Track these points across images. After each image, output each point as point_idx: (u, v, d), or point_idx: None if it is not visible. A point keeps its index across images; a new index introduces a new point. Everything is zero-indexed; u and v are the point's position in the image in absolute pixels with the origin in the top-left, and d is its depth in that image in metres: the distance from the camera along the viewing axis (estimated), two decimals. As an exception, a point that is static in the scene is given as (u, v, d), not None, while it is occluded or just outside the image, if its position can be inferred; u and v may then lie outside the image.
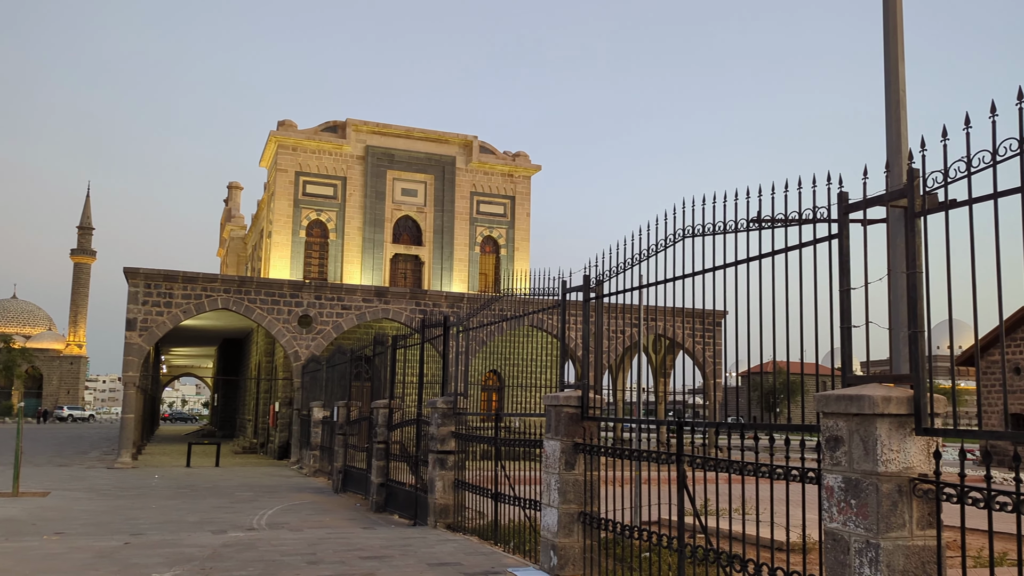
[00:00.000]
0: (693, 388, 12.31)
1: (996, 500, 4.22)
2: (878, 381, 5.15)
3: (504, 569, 9.12)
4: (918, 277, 4.89)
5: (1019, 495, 4.07)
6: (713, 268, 6.84)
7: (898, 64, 7.82)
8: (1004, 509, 4.18)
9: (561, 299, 9.57)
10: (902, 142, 7.77)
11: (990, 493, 4.23)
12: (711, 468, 6.56)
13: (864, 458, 4.84)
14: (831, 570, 5.00)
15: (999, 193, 4.31)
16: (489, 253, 43.91)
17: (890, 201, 5.05)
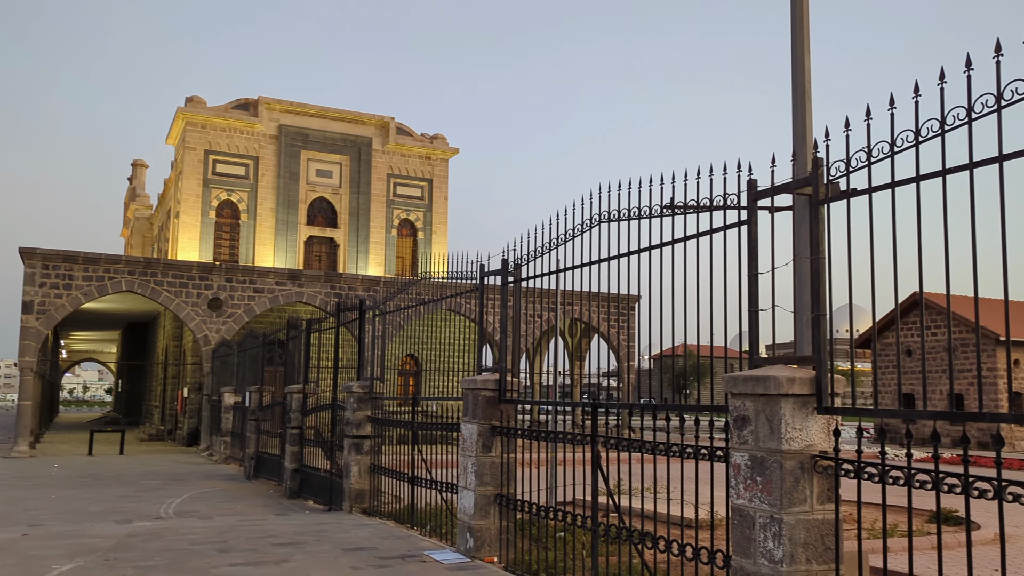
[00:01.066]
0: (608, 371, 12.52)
1: (889, 475, 4.45)
2: (783, 363, 5.36)
3: (420, 552, 9.13)
4: (821, 262, 5.09)
5: (910, 469, 4.31)
6: (628, 253, 6.96)
7: (804, 57, 8.09)
8: (897, 483, 4.41)
9: (479, 283, 9.58)
10: (807, 132, 8.06)
11: (884, 468, 4.46)
12: (625, 449, 6.70)
13: (769, 437, 5.02)
14: (737, 545, 5.19)
15: (896, 183, 4.52)
16: (406, 236, 43.56)
17: (796, 189, 5.23)
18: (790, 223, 5.94)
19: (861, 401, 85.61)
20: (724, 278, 5.82)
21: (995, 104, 3.94)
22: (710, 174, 5.90)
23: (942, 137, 4.21)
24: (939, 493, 4.16)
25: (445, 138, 44.66)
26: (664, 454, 6.23)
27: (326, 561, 8.62)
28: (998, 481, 3.85)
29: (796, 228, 5.88)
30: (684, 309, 6.19)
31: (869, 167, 4.65)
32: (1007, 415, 3.92)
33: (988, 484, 3.92)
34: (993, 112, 3.96)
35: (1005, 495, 3.82)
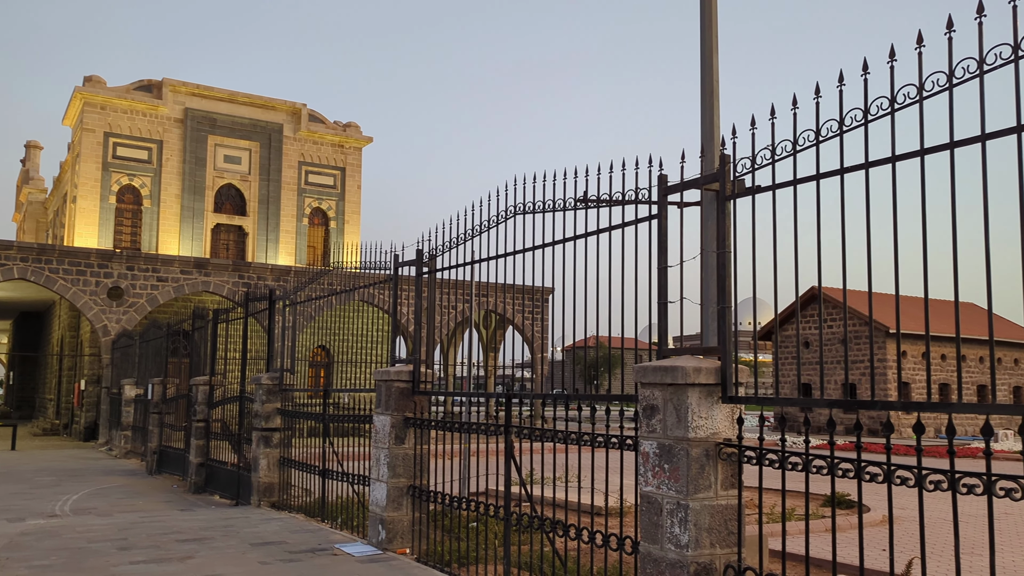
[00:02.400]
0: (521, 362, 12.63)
1: (789, 461, 4.64)
2: (690, 353, 5.52)
3: (331, 545, 9.02)
4: (727, 256, 5.26)
5: (807, 456, 4.50)
6: (542, 245, 7.03)
7: (712, 57, 8.32)
8: (795, 469, 4.60)
9: (393, 273, 9.50)
10: (715, 129, 8.28)
11: (784, 455, 4.65)
12: (537, 439, 6.78)
13: (677, 425, 5.17)
14: (645, 531, 5.32)
15: (798, 180, 4.70)
16: (318, 225, 42.78)
17: (704, 185, 5.38)
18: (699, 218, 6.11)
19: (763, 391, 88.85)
20: (635, 271, 5.94)
21: (889, 107, 4.15)
22: (623, 169, 6.01)
23: (840, 137, 4.40)
24: (834, 478, 4.37)
25: (359, 126, 44.04)
26: (576, 443, 6.33)
27: (233, 557, 8.43)
28: (887, 466, 4.07)
29: (704, 223, 6.05)
30: (596, 301, 6.30)
31: (773, 165, 4.83)
32: (896, 403, 4.14)
33: (879, 469, 4.13)
34: (887, 115, 4.17)
35: (893, 479, 4.04)
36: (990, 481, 3.63)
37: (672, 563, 5.07)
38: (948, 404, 3.82)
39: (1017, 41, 3.60)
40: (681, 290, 5.55)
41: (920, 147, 4.03)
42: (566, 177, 6.60)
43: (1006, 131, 3.66)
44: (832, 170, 4.49)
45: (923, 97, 3.99)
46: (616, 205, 6.19)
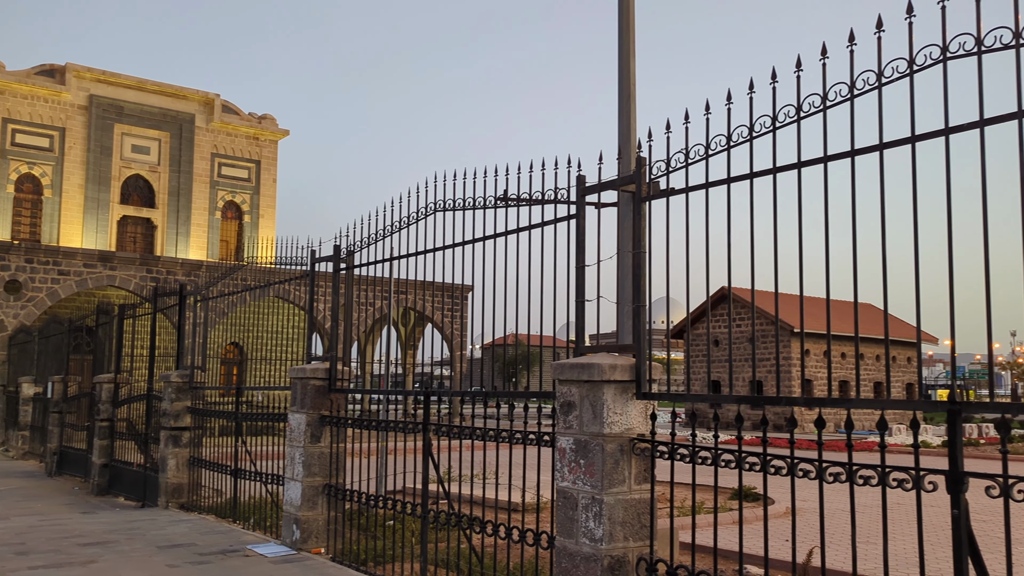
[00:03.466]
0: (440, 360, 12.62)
1: (699, 455, 4.79)
2: (606, 351, 5.63)
3: (243, 547, 8.83)
4: (642, 257, 5.39)
5: (716, 450, 4.66)
6: (462, 243, 7.04)
7: (630, 61, 8.49)
8: (705, 463, 4.75)
9: (310, 269, 9.36)
10: (632, 132, 8.45)
11: (694, 449, 4.80)
12: (456, 436, 6.80)
13: (593, 421, 5.27)
14: (561, 525, 5.41)
15: (710, 184, 4.86)
16: (232, 219, 41.69)
17: (620, 186, 5.50)
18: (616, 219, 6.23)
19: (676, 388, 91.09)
20: (555, 270, 6.03)
21: (795, 115, 4.33)
22: (542, 169, 6.08)
23: (750, 143, 4.57)
24: (741, 472, 4.53)
25: (275, 119, 43.10)
26: (494, 440, 6.38)
27: (139, 560, 8.16)
28: (791, 459, 4.25)
29: (621, 223, 6.18)
30: (516, 299, 6.35)
31: (687, 168, 4.97)
32: (799, 399, 4.33)
33: (783, 462, 4.31)
34: (794, 122, 4.35)
35: (796, 472, 4.23)
36: (884, 473, 3.84)
37: (587, 557, 5.17)
38: (847, 400, 4.02)
39: (880, 68, 3.82)
40: (598, 289, 5.65)
41: (824, 154, 4.22)
42: (486, 175, 6.64)
43: (902, 141, 3.88)
44: (743, 174, 4.65)
45: (826, 107, 4.19)
46: (535, 204, 6.27)
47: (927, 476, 3.69)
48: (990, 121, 3.58)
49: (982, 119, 3.57)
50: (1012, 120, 3.50)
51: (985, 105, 3.48)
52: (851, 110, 4.08)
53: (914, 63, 3.80)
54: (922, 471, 3.70)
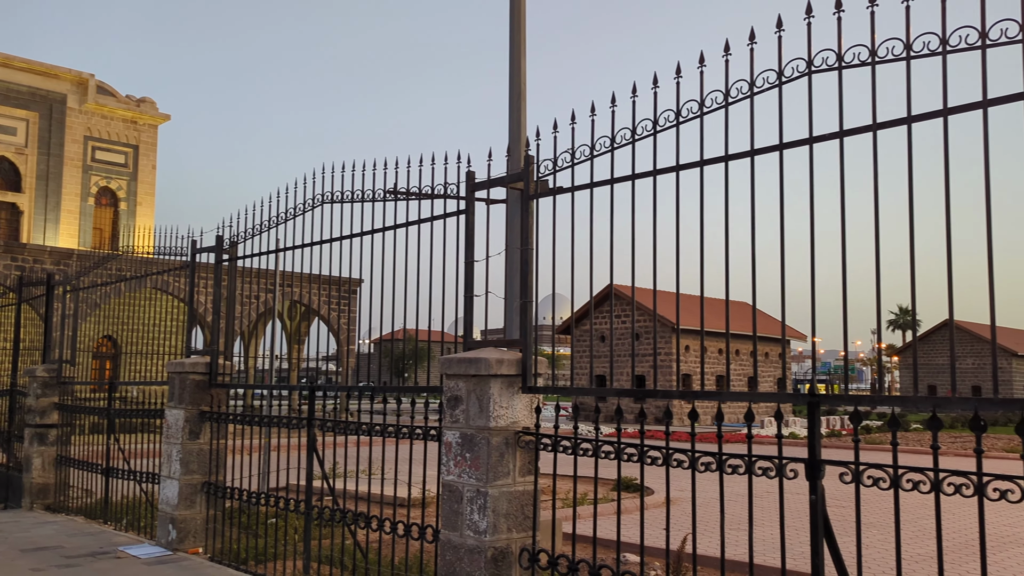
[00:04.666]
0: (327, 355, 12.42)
1: (581, 447, 4.93)
2: (494, 346, 5.71)
3: (115, 548, 8.46)
4: (529, 253, 5.49)
5: (597, 442, 4.81)
6: (349, 236, 6.97)
7: (520, 60, 8.59)
8: (587, 454, 4.90)
9: (190, 260, 9.04)
10: (523, 130, 8.55)
11: (576, 442, 4.94)
12: (341, 431, 6.74)
13: (479, 415, 5.34)
14: (446, 519, 5.45)
15: (594, 183, 5.00)
16: (107, 206, 39.64)
17: (509, 184, 5.58)
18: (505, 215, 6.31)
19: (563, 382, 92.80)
20: (443, 265, 6.05)
21: (675, 119, 4.52)
22: (432, 163, 6.10)
23: (632, 145, 4.74)
24: (620, 463, 4.70)
25: (154, 102, 41.24)
26: (380, 435, 6.36)
27: (0, 565, 7.70)
28: (665, 450, 4.44)
29: (510, 220, 6.27)
30: (405, 294, 6.34)
31: (572, 168, 5.10)
32: (674, 392, 4.52)
33: (659, 453, 4.50)
34: (673, 126, 4.54)
35: (671, 462, 4.42)
36: (750, 462, 4.07)
37: (471, 549, 5.23)
38: (719, 393, 4.23)
39: (752, 78, 4.06)
40: (486, 284, 5.72)
41: (700, 158, 4.42)
42: (375, 168, 6.59)
43: (771, 148, 4.11)
44: (625, 175, 4.82)
45: (703, 113, 4.39)
46: (425, 199, 6.27)
47: (789, 464, 3.93)
48: (848, 132, 3.84)
49: (841, 130, 3.84)
50: (868, 132, 3.77)
51: (877, 112, 3.72)
52: (726, 117, 4.29)
53: (782, 75, 4.04)
54: (784, 460, 3.94)
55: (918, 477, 3.47)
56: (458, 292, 5.91)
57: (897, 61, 3.62)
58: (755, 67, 4.17)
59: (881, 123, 3.74)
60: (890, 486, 3.54)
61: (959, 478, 3.36)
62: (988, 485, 3.31)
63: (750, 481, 4.11)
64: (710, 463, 4.23)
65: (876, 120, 3.75)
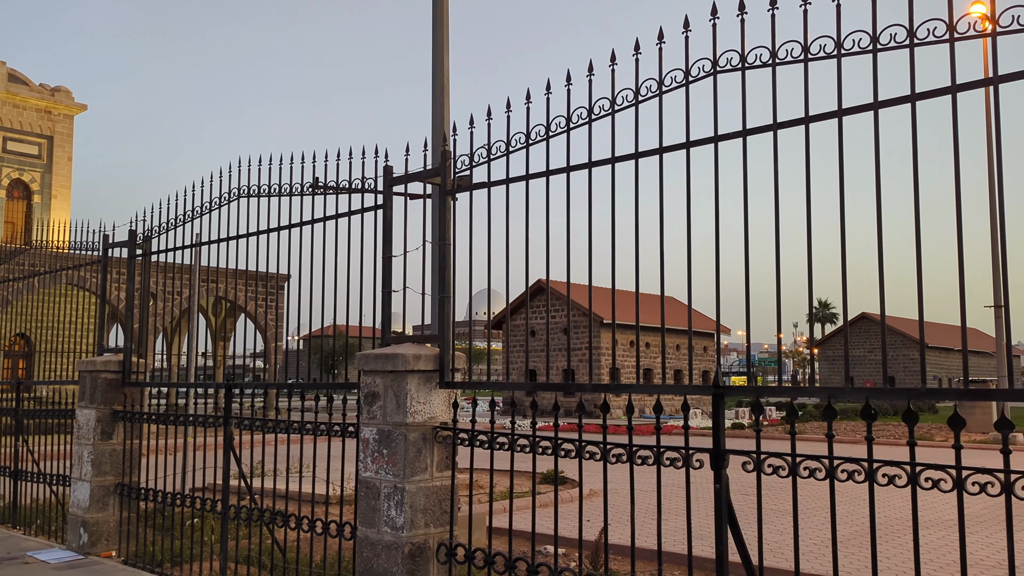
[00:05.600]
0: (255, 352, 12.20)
1: (497, 441, 4.96)
2: (412, 341, 5.69)
3: (23, 553, 8.16)
4: (447, 248, 5.49)
5: (512, 436, 4.85)
6: (267, 230, 6.86)
7: (443, 56, 8.59)
8: (503, 448, 4.93)
9: (103, 255, 8.76)
10: (446, 125, 8.56)
11: (493, 436, 4.96)
12: (259, 429, 6.63)
13: (396, 411, 5.32)
14: (363, 516, 5.42)
15: (510, 179, 5.03)
16: (19, 199, 38.04)
17: (426, 179, 5.57)
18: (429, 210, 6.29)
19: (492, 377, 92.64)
20: (360, 260, 6.00)
21: (587, 116, 4.58)
22: (349, 157, 6.04)
23: (547, 142, 4.78)
24: (535, 456, 4.75)
25: (70, 92, 39.74)
26: (298, 432, 6.28)
27: None
28: (579, 443, 4.50)
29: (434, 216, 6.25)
30: (322, 289, 6.27)
31: (488, 163, 5.12)
32: (588, 385, 4.59)
33: (572, 446, 4.56)
34: (585, 124, 4.60)
35: (584, 454, 4.48)
36: (659, 453, 4.15)
37: (388, 545, 5.22)
38: (626, 385, 4.31)
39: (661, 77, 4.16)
40: (404, 279, 5.70)
41: (611, 155, 4.50)
42: (292, 162, 6.50)
43: (678, 146, 4.20)
44: (540, 171, 4.86)
45: (615, 111, 4.46)
46: (343, 194, 6.21)
47: (695, 455, 4.03)
48: (752, 132, 3.96)
49: (744, 129, 3.95)
50: (768, 131, 3.88)
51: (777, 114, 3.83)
52: (636, 115, 4.37)
53: (689, 74, 4.13)
54: (691, 450, 4.04)
55: (815, 465, 3.60)
56: (375, 287, 5.86)
57: (796, 63, 3.75)
58: (689, 58, 4.25)
59: (781, 123, 3.86)
60: (788, 474, 3.66)
61: (852, 465, 3.50)
62: (878, 471, 3.46)
63: (659, 472, 4.20)
64: (621, 455, 4.31)
65: (776, 120, 3.86)
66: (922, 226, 3.40)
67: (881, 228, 3.52)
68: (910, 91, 3.47)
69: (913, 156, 3.49)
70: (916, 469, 3.34)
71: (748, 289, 3.86)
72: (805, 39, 3.74)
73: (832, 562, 3.80)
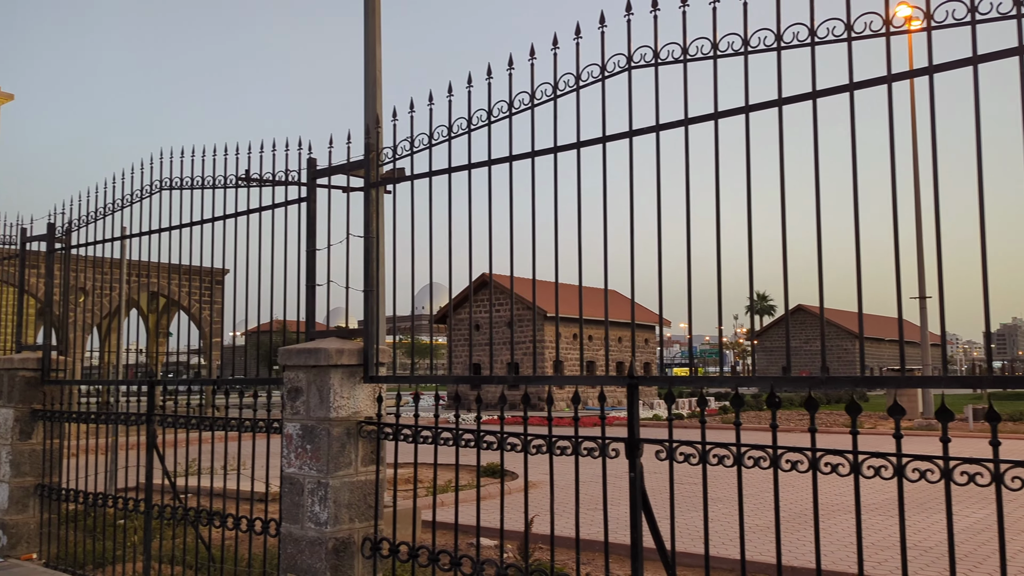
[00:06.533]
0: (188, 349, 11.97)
1: (421, 435, 4.95)
2: (336, 336, 5.64)
3: (-64, 560, 7.86)
4: (371, 242, 5.46)
5: (437, 430, 4.85)
6: (191, 223, 6.72)
7: (376, 48, 8.52)
8: (427, 442, 4.92)
9: (20, 249, 8.48)
10: (380, 115, 8.49)
11: (416, 430, 4.95)
12: (182, 426, 6.50)
13: (320, 406, 5.27)
14: (287, 512, 5.37)
15: (433, 172, 5.02)
16: (-60, 191, 36.57)
17: (350, 171, 5.52)
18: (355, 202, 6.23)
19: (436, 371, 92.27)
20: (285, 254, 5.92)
21: (507, 110, 4.59)
22: (273, 149, 5.95)
23: (468, 135, 4.79)
24: (458, 449, 4.75)
25: (-4, 80, 38.24)
26: (223, 430, 6.18)
27: None
28: (500, 434, 4.52)
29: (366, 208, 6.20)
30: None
31: (412, 156, 5.10)
32: (509, 377, 4.62)
33: (494, 438, 4.58)
34: (506, 118, 4.61)
35: (505, 446, 4.51)
36: (577, 443, 4.20)
37: (312, 541, 5.17)
38: (547, 378, 4.34)
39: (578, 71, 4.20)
40: (328, 272, 5.64)
41: (531, 149, 4.52)
42: (215, 154, 6.38)
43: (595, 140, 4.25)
44: (462, 164, 4.86)
45: (534, 105, 4.48)
46: (267, 186, 6.12)
47: (611, 444, 4.09)
48: (665, 127, 4.02)
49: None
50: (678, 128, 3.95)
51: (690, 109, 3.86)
52: (554, 111, 4.40)
53: (605, 70, 4.18)
54: (607, 440, 4.09)
55: (723, 452, 3.69)
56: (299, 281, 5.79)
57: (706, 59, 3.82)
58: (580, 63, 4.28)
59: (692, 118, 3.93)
60: (699, 461, 3.74)
61: (758, 451, 3.59)
62: (782, 457, 3.56)
63: (576, 463, 4.24)
64: (541, 446, 4.34)
65: (687, 115, 3.94)
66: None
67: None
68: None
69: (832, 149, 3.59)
70: (816, 454, 3.44)
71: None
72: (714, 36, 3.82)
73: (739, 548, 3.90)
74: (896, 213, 3.35)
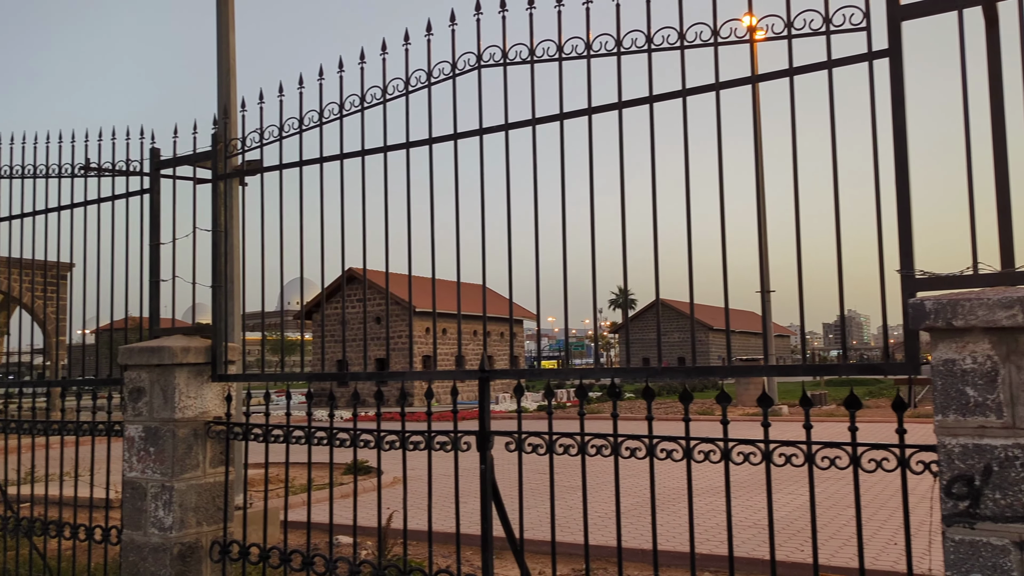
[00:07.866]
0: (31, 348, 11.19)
1: (272, 434, 4.84)
2: (184, 333, 5.43)
3: None
4: (219, 236, 5.28)
5: (288, 429, 4.75)
6: (21, 215, 6.29)
7: (229, 36, 8.24)
8: (278, 441, 4.81)
9: None
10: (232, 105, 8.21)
11: (268, 429, 4.84)
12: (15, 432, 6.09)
13: (164, 407, 5.06)
14: (129, 518, 5.13)
15: (283, 165, 4.91)
16: None
17: (196, 162, 5.32)
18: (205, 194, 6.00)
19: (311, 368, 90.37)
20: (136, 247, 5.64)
21: (359, 104, 4.55)
22: (112, 137, 5.65)
23: (320, 128, 4.71)
24: (310, 447, 4.69)
25: None
26: (58, 434, 5.83)
27: None
28: (353, 432, 4.49)
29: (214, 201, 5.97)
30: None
31: (261, 148, 4.97)
32: (362, 374, 4.59)
33: (347, 435, 4.54)
34: (359, 111, 4.57)
35: (359, 442, 4.48)
36: (430, 437, 4.23)
37: (155, 547, 4.97)
38: (398, 373, 4.35)
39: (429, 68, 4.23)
40: (173, 267, 5.41)
41: (384, 144, 4.51)
42: (48, 141, 5.99)
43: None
44: (314, 158, 4.78)
45: (386, 99, 4.47)
46: (106, 176, 5.80)
47: (464, 438, 4.14)
48: (514, 125, 4.11)
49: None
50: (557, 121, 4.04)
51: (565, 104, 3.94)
52: (406, 106, 4.40)
53: (456, 66, 4.21)
54: (459, 433, 4.14)
55: (568, 442, 3.81)
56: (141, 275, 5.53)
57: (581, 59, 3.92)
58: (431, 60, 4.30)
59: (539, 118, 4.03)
60: (545, 452, 3.85)
61: (600, 440, 3.73)
62: (622, 444, 3.71)
63: (429, 457, 4.27)
64: (394, 442, 4.34)
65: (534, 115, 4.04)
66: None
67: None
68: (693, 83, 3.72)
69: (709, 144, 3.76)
70: (653, 441, 3.61)
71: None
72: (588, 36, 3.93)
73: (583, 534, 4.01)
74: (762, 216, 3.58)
